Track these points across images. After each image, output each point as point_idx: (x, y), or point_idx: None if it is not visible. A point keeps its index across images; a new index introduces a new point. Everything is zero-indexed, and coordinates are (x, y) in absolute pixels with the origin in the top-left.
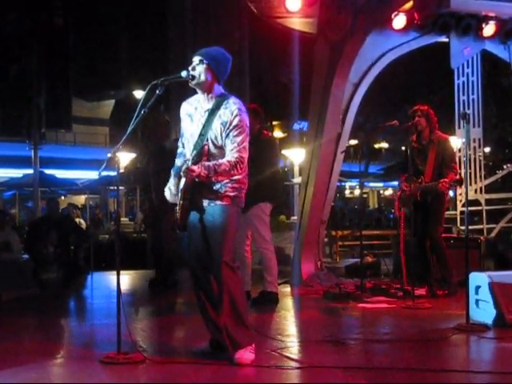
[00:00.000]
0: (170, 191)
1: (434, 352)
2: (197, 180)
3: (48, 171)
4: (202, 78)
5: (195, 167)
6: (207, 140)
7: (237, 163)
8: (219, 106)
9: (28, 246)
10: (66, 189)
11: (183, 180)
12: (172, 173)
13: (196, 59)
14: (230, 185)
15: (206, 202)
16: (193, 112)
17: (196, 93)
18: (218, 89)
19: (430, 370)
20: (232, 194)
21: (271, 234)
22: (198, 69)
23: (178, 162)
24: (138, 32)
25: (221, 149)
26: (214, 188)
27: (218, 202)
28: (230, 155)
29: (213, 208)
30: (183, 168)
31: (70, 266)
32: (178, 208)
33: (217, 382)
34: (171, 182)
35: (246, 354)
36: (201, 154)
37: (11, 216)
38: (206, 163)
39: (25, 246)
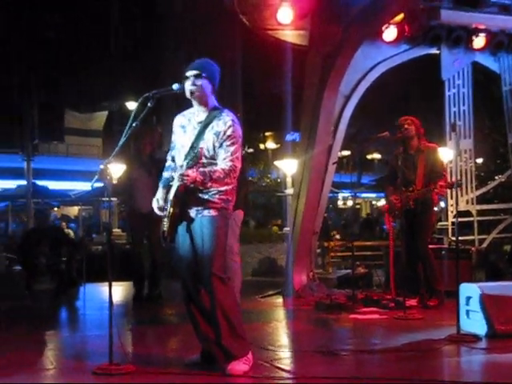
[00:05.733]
0: (158, 203)
1: (426, 363)
2: (192, 186)
3: (41, 182)
4: (203, 91)
5: (190, 171)
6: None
7: (230, 171)
8: (213, 119)
9: (20, 257)
10: (58, 200)
11: (174, 188)
12: (160, 185)
13: (193, 73)
14: (217, 196)
15: (193, 213)
16: (186, 123)
17: (189, 106)
18: (213, 101)
19: (421, 380)
20: (220, 205)
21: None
22: (198, 83)
23: (166, 174)
24: (131, 43)
25: (212, 159)
26: (203, 199)
27: (206, 213)
28: (224, 163)
29: (201, 220)
30: (177, 173)
31: (63, 277)
32: (165, 219)
33: None
34: (159, 193)
35: (239, 366)
36: (196, 157)
37: None
38: (202, 169)
39: (17, 257)
